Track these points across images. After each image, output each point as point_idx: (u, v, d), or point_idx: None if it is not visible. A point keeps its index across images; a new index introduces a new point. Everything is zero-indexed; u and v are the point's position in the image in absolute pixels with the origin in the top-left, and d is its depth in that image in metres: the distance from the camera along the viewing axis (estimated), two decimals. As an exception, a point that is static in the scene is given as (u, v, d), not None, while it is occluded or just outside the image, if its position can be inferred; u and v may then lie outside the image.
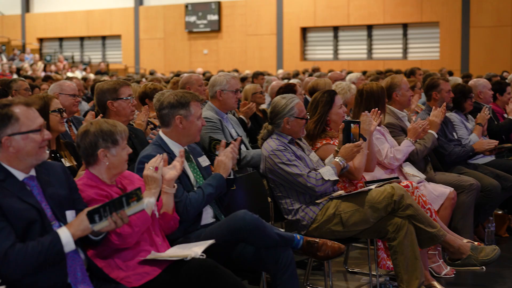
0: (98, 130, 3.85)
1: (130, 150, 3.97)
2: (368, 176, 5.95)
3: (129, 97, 5.48)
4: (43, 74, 23.17)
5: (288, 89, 7.71)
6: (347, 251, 6.32)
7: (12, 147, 3.36)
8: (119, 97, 5.43)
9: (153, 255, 3.89)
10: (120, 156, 3.89)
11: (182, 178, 4.45)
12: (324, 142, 5.72)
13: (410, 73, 12.36)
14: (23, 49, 29.86)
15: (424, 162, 6.63)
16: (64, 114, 5.12)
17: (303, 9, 25.71)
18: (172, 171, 4.13)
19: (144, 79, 15.15)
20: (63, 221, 3.49)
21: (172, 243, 4.23)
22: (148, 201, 3.52)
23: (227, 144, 4.72)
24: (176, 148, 4.55)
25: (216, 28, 27.20)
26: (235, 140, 4.86)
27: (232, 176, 4.66)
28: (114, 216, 3.35)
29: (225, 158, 4.58)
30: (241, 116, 7.88)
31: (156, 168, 3.98)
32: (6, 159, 3.39)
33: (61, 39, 31.61)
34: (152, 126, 6.75)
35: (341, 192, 5.32)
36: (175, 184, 4.13)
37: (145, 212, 3.76)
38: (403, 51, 25.60)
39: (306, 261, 5.68)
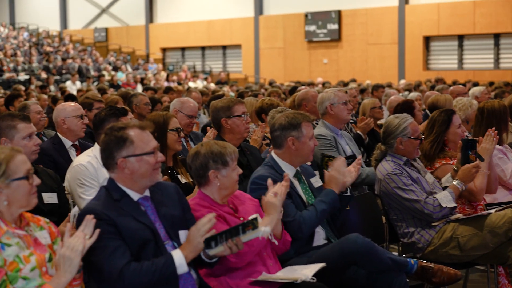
0: (208, 151, 3.90)
1: (241, 171, 3.99)
2: (489, 198, 5.73)
3: (243, 115, 5.53)
4: (166, 83, 23.81)
5: (406, 106, 7.53)
6: (466, 275, 6.09)
7: (127, 169, 3.47)
8: (233, 115, 5.49)
9: (264, 276, 3.90)
10: (231, 177, 3.92)
11: (295, 198, 4.44)
12: (443, 162, 5.56)
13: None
14: (147, 59, 30.79)
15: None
16: (182, 133, 5.20)
17: (426, 17, 25.18)
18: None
19: (263, 89, 15.27)
20: (176, 240, 3.56)
21: (284, 264, 4.22)
22: (264, 230, 3.53)
23: (347, 158, 4.68)
24: (289, 170, 4.53)
25: (336, 37, 27.06)
26: (349, 157, 4.80)
27: (348, 193, 4.60)
28: (230, 243, 3.45)
29: (337, 173, 4.52)
30: (358, 131, 7.78)
31: (276, 194, 3.98)
32: (121, 180, 3.52)
33: (183, 49, 32.35)
34: (268, 141, 6.77)
35: (459, 215, 5.14)
36: (282, 209, 4.11)
37: None
38: (532, 60, 24.63)
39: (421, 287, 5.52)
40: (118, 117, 5.13)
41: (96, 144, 5.19)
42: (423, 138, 5.43)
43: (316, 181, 4.76)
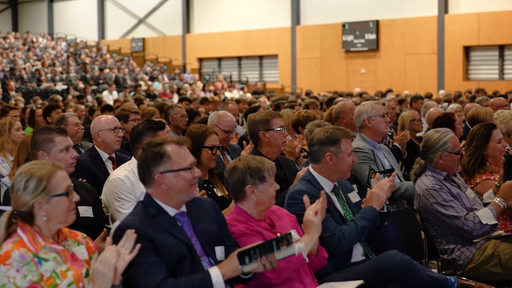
0: (245, 166, 3.88)
1: (278, 187, 3.96)
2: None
3: (281, 128, 5.50)
4: (202, 93, 23.90)
5: (446, 119, 7.41)
6: (507, 292, 5.96)
7: (164, 184, 3.47)
8: (271, 128, 5.47)
9: (301, 293, 3.86)
10: (268, 193, 3.89)
11: (333, 213, 4.39)
12: (483, 177, 5.46)
13: None
14: (183, 69, 30.94)
15: None
16: (218, 152, 5.16)
17: (466, 27, 24.91)
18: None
19: (299, 100, 15.23)
20: (212, 256, 3.55)
21: (321, 279, 4.18)
22: (299, 247, 3.48)
23: (382, 174, 4.62)
24: (326, 184, 4.49)
25: (374, 47, 26.92)
26: (387, 171, 4.73)
27: (385, 210, 4.54)
28: (264, 259, 3.40)
29: (379, 190, 4.46)
30: (396, 144, 7.69)
31: (316, 213, 3.93)
32: (158, 196, 3.52)
33: (219, 59, 32.46)
34: (305, 153, 6.72)
35: (500, 232, 5.04)
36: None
37: None
38: None
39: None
40: (155, 130, 5.12)
41: (133, 158, 5.20)
42: (463, 153, 5.34)
43: (354, 196, 4.72)
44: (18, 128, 6.94)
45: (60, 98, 16.71)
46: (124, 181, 4.95)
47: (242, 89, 26.62)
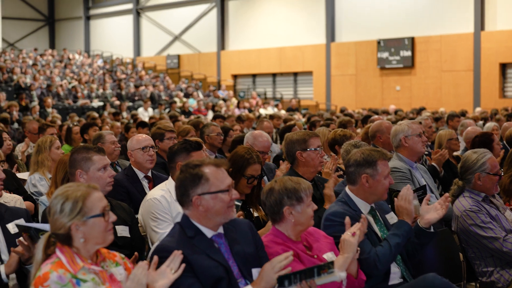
0: (282, 188, 3.87)
1: (315, 207, 3.94)
2: None
3: (318, 148, 5.47)
4: (236, 110, 23.95)
5: (485, 138, 7.31)
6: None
7: (201, 206, 3.47)
8: (308, 148, 5.44)
9: (338, 316, 3.82)
10: (306, 213, 3.87)
11: (370, 234, 4.35)
12: (523, 198, 5.38)
13: None
14: (218, 85, 31.07)
15: None
16: (255, 182, 5.09)
17: (502, 44, 24.64)
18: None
19: (334, 117, 15.17)
20: (249, 279, 3.54)
21: (358, 302, 4.13)
22: (340, 275, 3.46)
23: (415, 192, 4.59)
24: (363, 206, 4.46)
25: (409, 64, 26.76)
26: (419, 188, 4.70)
27: (431, 230, 4.47)
28: (304, 284, 3.37)
29: (404, 202, 4.42)
30: (433, 163, 7.61)
31: (354, 233, 3.90)
32: (196, 217, 3.52)
33: (254, 76, 32.53)
34: (341, 172, 6.68)
35: (541, 254, 4.95)
36: (358, 248, 4.01)
37: None
38: None
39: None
40: (189, 151, 5.12)
41: (170, 178, 5.21)
42: (502, 174, 5.27)
43: (391, 218, 4.67)
44: (58, 146, 7.02)
45: (97, 115, 16.88)
46: (160, 201, 4.96)
47: (276, 106, 26.62)
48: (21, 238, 3.88)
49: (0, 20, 37.24)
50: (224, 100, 26.92)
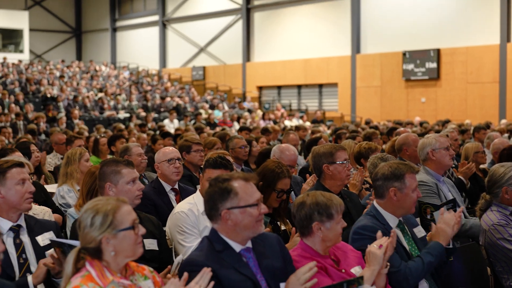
0: (314, 203, 3.87)
1: (345, 224, 3.94)
2: None
3: (345, 161, 5.46)
4: (262, 122, 23.97)
5: (512, 151, 7.28)
6: None
7: (230, 220, 3.48)
8: (335, 161, 5.43)
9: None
10: (335, 230, 3.87)
11: (398, 248, 4.33)
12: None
13: None
14: (243, 97, 31.13)
15: None
16: (284, 196, 5.10)
17: (528, 55, 24.54)
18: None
19: (360, 129, 15.15)
20: (277, 293, 3.52)
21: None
22: None
23: (444, 206, 4.56)
24: (392, 220, 4.44)
25: (434, 76, 26.61)
26: (448, 201, 4.67)
27: (451, 246, 4.46)
28: None
29: (445, 226, 4.39)
30: (459, 176, 7.57)
31: (380, 246, 3.89)
32: (224, 231, 3.53)
33: (279, 87, 32.54)
34: (367, 185, 6.68)
35: None
36: (388, 263, 4.00)
37: None
38: None
39: None
40: (220, 168, 5.13)
41: (198, 191, 5.23)
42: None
43: (419, 231, 4.65)
44: (87, 159, 7.08)
45: (123, 126, 17.00)
46: (188, 215, 4.99)
47: (301, 117, 26.61)
48: (51, 251, 3.92)
49: (28, 32, 37.80)
50: (250, 111, 26.96)
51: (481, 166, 8.47)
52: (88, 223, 3.20)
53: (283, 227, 5.07)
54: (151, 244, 4.63)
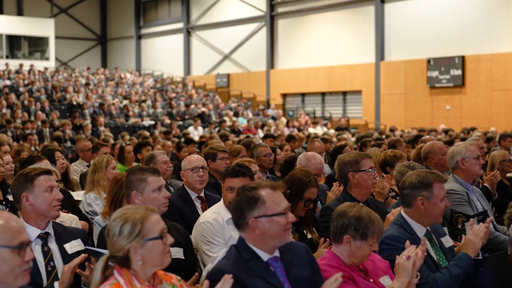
0: (355, 217, 3.83)
1: (376, 248, 3.90)
2: None
3: (370, 169, 5.43)
4: (286, 129, 23.96)
5: (540, 160, 7.21)
6: None
7: (258, 229, 3.47)
8: (360, 169, 5.40)
9: None
10: (363, 251, 3.84)
11: (426, 259, 4.28)
12: None
13: None
14: (267, 104, 31.13)
15: None
16: (311, 205, 5.10)
17: (554, 61, 24.32)
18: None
19: (384, 136, 15.09)
20: (305, 302, 3.52)
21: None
22: None
23: (475, 217, 4.52)
24: (419, 229, 4.41)
25: (459, 83, 26.43)
26: (480, 213, 4.62)
27: (480, 257, 4.42)
28: None
29: (474, 237, 4.36)
30: (485, 184, 7.50)
31: (409, 257, 3.86)
32: (252, 240, 3.52)
33: (303, 95, 32.49)
34: (393, 193, 6.64)
35: None
36: (418, 274, 3.97)
37: None
38: None
39: None
40: (238, 176, 5.14)
41: (221, 200, 5.24)
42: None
43: (447, 241, 4.61)
44: (114, 166, 7.11)
45: (148, 134, 17.07)
46: (213, 225, 4.99)
47: (325, 125, 26.56)
48: (80, 258, 3.94)
49: (54, 40, 38.12)
50: (274, 119, 26.96)
51: (508, 174, 8.37)
52: (116, 232, 3.20)
53: (309, 236, 5.06)
54: (177, 252, 4.63)
